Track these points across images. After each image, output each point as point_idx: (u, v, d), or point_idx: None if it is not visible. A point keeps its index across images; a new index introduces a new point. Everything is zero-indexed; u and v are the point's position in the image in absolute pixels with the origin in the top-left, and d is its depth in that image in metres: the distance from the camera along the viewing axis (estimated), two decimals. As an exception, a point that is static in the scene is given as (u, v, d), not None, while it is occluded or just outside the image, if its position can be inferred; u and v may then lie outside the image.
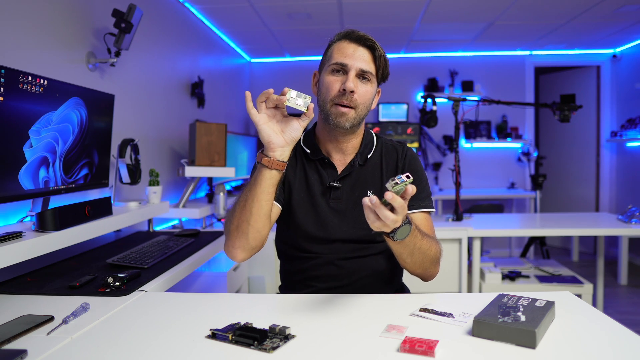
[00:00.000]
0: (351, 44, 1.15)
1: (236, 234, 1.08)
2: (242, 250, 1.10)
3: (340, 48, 1.16)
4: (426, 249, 1.07)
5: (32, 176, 1.38)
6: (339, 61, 1.14)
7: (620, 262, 3.99)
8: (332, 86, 1.14)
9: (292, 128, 1.05)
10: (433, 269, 1.16)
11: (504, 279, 2.60)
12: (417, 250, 1.05)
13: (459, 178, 2.73)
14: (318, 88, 1.21)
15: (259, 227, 1.08)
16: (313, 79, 1.25)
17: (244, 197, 1.08)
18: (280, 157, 1.05)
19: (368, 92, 1.16)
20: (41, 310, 1.06)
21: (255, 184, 1.06)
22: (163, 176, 2.63)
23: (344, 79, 1.13)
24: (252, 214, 1.06)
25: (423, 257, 1.08)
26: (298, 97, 1.02)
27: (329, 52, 1.19)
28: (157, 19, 2.69)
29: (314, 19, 3.53)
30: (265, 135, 1.04)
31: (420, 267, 1.11)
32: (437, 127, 3.17)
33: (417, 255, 1.06)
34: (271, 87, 0.97)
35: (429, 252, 1.08)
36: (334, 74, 1.15)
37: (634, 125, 4.30)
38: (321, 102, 1.18)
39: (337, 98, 1.14)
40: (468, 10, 3.43)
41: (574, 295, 1.09)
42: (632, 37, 4.26)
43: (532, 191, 4.35)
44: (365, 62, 1.14)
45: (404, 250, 1.03)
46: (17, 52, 1.59)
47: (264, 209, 1.07)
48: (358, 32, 1.16)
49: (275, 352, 0.80)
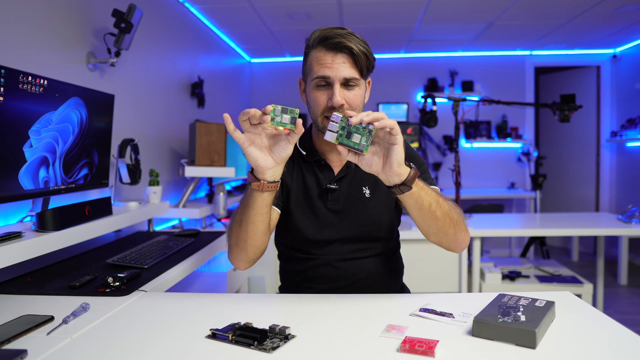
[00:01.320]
0: (328, 53, 1.09)
1: (236, 249, 1.12)
2: (244, 262, 1.15)
3: (317, 58, 1.10)
4: (443, 205, 1.05)
5: (32, 176, 1.38)
6: (319, 74, 1.09)
7: (620, 262, 3.99)
8: (318, 101, 1.11)
9: (280, 147, 0.99)
10: (460, 233, 1.11)
11: (504, 279, 2.60)
12: (435, 203, 1.03)
13: (459, 178, 2.73)
14: (306, 98, 1.19)
15: (257, 244, 1.11)
16: (300, 87, 1.22)
17: (239, 217, 1.08)
18: (271, 178, 1.01)
19: (357, 96, 1.12)
20: (41, 310, 1.06)
21: (248, 206, 1.04)
22: (163, 176, 2.63)
23: (330, 93, 1.09)
24: (249, 234, 1.08)
25: (443, 214, 1.05)
26: (284, 113, 0.93)
27: (309, 62, 1.13)
28: (157, 19, 2.69)
29: (314, 19, 3.53)
30: (252, 159, 0.98)
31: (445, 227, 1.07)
32: (437, 127, 3.17)
33: (437, 211, 1.04)
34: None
35: (445, 207, 1.06)
36: (318, 88, 1.11)
37: (634, 125, 4.30)
38: (312, 114, 1.16)
39: (327, 111, 1.11)
40: (468, 10, 3.43)
41: (574, 295, 1.09)
42: (632, 37, 4.26)
43: (532, 191, 4.35)
44: (347, 68, 1.08)
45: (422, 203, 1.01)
46: (17, 52, 1.59)
47: (260, 228, 1.08)
48: (332, 36, 1.08)
49: (275, 352, 0.80)
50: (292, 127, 0.95)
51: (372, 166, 0.98)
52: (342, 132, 0.95)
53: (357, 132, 0.95)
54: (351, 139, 0.95)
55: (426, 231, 1.10)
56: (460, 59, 4.89)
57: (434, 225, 1.07)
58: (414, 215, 1.07)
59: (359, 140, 0.95)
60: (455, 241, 1.12)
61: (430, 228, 1.08)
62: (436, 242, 1.13)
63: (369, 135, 0.95)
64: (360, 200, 1.21)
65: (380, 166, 0.98)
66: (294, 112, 0.94)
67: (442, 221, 1.06)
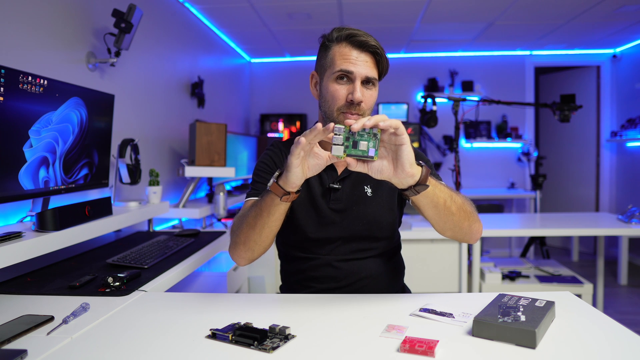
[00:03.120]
0: (354, 50, 1.11)
1: (243, 247, 1.12)
2: (248, 260, 1.16)
3: (342, 53, 1.12)
4: (456, 198, 1.06)
5: (32, 176, 1.38)
6: (343, 68, 1.10)
7: (620, 262, 3.99)
8: (338, 94, 1.12)
9: (318, 165, 0.96)
10: (474, 224, 1.11)
11: (504, 279, 2.61)
12: (449, 199, 1.03)
13: (459, 178, 2.73)
14: (319, 92, 1.19)
15: (266, 244, 1.12)
16: (311, 80, 1.22)
17: (254, 221, 1.07)
18: (297, 188, 0.99)
19: (373, 97, 1.15)
20: (41, 310, 1.06)
21: (268, 213, 1.04)
22: (163, 176, 2.63)
23: (350, 87, 1.11)
24: (262, 236, 1.09)
25: (457, 208, 1.05)
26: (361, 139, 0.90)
27: (330, 56, 1.15)
28: (157, 19, 2.69)
29: (314, 19, 3.53)
30: (294, 178, 0.95)
31: (461, 221, 1.07)
32: (437, 127, 3.18)
33: (452, 206, 1.04)
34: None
35: (458, 201, 1.06)
36: (338, 81, 1.12)
37: (634, 125, 4.30)
38: (326, 109, 1.15)
39: (344, 107, 1.12)
40: (468, 10, 3.43)
41: (574, 295, 1.09)
42: (632, 37, 4.26)
43: (532, 191, 4.35)
44: (370, 68, 1.12)
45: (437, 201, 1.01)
46: (17, 52, 1.59)
47: (274, 232, 1.10)
48: (359, 36, 1.11)
49: (275, 352, 0.80)
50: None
51: (383, 172, 0.95)
52: (347, 142, 0.91)
53: (362, 139, 0.91)
54: (358, 148, 0.91)
55: (442, 227, 1.10)
56: (460, 59, 4.89)
57: (450, 221, 1.06)
58: (429, 214, 1.06)
59: (366, 147, 0.91)
60: (470, 232, 1.12)
61: (447, 224, 1.07)
62: (452, 236, 1.13)
63: (375, 139, 0.91)
64: (362, 200, 1.21)
65: (391, 170, 0.94)
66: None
67: (457, 216, 1.06)
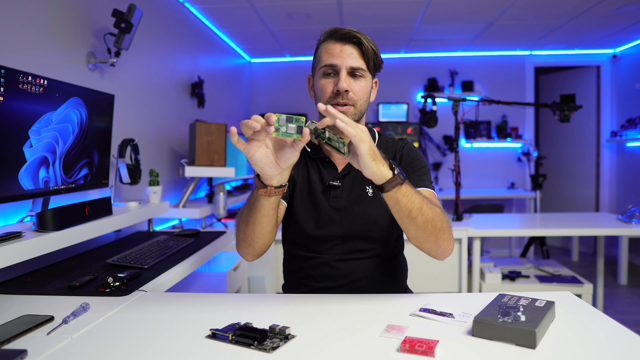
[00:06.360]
0: (337, 44, 1.14)
1: (244, 244, 1.14)
2: (252, 256, 1.17)
3: (326, 49, 1.15)
4: (427, 212, 1.01)
5: (32, 176, 1.38)
6: (327, 63, 1.14)
7: (620, 262, 3.99)
8: (325, 89, 1.15)
9: (286, 154, 0.95)
10: (442, 242, 1.06)
11: (504, 279, 2.61)
12: (417, 210, 0.99)
13: (459, 178, 2.73)
14: (314, 92, 1.22)
15: (265, 241, 1.12)
16: (308, 84, 1.26)
17: (246, 217, 1.08)
18: (277, 183, 1.00)
19: (364, 88, 1.16)
20: (41, 310, 1.06)
21: (255, 209, 1.04)
22: (163, 176, 2.63)
23: (336, 80, 1.13)
24: (256, 233, 1.09)
25: (424, 221, 1.01)
26: (289, 122, 0.88)
27: (318, 55, 1.19)
28: (157, 19, 2.69)
29: (314, 19, 3.53)
30: (258, 168, 0.96)
31: (425, 234, 1.03)
32: (437, 127, 3.17)
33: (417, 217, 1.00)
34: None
35: (428, 215, 1.01)
36: (325, 77, 1.15)
37: (634, 125, 4.30)
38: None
39: (332, 99, 1.14)
40: (468, 10, 3.43)
41: (574, 295, 1.09)
42: (632, 37, 4.26)
43: (532, 191, 4.35)
44: (354, 58, 1.13)
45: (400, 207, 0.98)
46: (17, 52, 1.59)
47: (267, 228, 1.09)
48: (342, 29, 1.14)
49: (275, 352, 0.80)
50: (298, 137, 0.90)
51: (354, 164, 0.96)
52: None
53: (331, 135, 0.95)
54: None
55: (405, 232, 1.07)
56: (460, 59, 4.89)
57: (413, 230, 1.03)
58: (395, 217, 1.04)
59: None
60: (437, 249, 1.08)
61: (409, 232, 1.05)
62: (416, 245, 1.09)
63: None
64: (362, 199, 1.21)
65: (359, 166, 0.95)
66: (299, 120, 0.89)
67: (422, 228, 1.02)
